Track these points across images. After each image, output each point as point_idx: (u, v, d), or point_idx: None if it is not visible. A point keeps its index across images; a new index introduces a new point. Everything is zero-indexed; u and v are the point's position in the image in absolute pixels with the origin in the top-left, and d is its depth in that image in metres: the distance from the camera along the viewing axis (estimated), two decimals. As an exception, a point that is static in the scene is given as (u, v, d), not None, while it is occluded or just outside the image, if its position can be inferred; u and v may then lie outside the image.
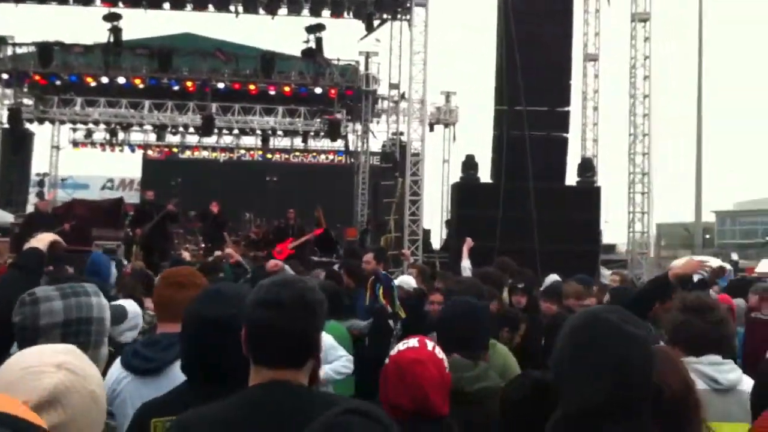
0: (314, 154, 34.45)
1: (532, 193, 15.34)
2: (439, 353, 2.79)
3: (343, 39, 24.71)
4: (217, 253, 10.16)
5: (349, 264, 8.60)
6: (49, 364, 1.71)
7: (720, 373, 3.21)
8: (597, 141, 21.52)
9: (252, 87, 24.01)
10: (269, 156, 33.28)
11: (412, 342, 2.81)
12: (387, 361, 2.78)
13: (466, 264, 8.57)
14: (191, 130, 28.78)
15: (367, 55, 24.72)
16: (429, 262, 15.01)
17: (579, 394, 1.86)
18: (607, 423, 1.82)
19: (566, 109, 17.08)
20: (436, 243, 22.29)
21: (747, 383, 2.84)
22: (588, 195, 16.99)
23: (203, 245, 17.79)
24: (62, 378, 1.68)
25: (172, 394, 2.61)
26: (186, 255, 13.45)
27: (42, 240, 3.13)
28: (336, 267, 9.77)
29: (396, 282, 7.05)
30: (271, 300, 2.17)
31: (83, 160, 34.11)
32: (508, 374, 4.01)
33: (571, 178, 17.38)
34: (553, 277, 8.43)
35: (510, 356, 4.66)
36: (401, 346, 2.81)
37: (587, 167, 17.70)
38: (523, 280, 7.31)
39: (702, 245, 35.22)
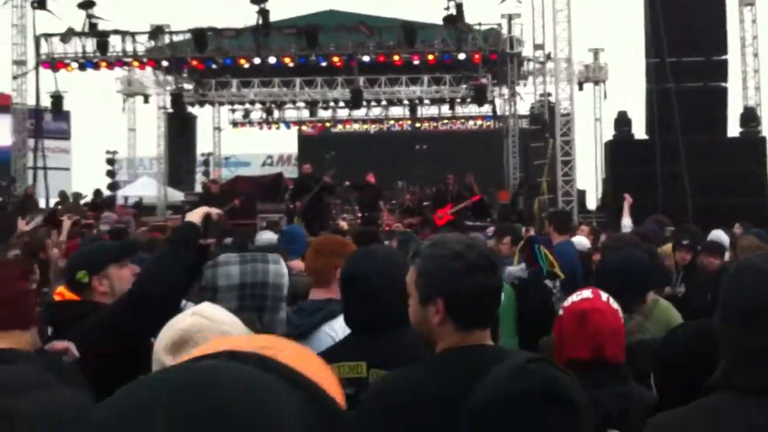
0: (462, 120, 34.48)
1: (686, 147, 14.81)
2: (613, 303, 2.76)
3: (484, 3, 24.51)
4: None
5: (505, 227, 8.68)
6: (185, 314, 2.05)
7: None
8: (759, 89, 20.37)
9: (396, 58, 24.25)
10: (418, 125, 33.60)
11: (586, 293, 2.80)
12: (561, 313, 2.79)
13: (627, 222, 8.50)
14: (341, 104, 29.48)
15: (510, 18, 24.42)
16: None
17: None
18: None
19: (724, 57, 16.33)
20: (591, 203, 21.91)
21: None
22: (752, 146, 16.23)
23: (360, 214, 18.35)
24: (194, 320, 1.98)
25: (337, 345, 2.80)
26: (343, 224, 13.93)
27: (196, 213, 3.11)
28: (490, 231, 9.96)
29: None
30: (485, 265, 2.15)
31: (243, 139, 35.61)
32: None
33: (734, 130, 16.66)
34: (717, 233, 8.18)
35: (673, 310, 4.49)
36: (575, 297, 2.81)
37: (750, 117, 16.88)
38: (688, 237, 7.15)
39: None
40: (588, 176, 28.34)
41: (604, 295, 2.79)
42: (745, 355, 1.77)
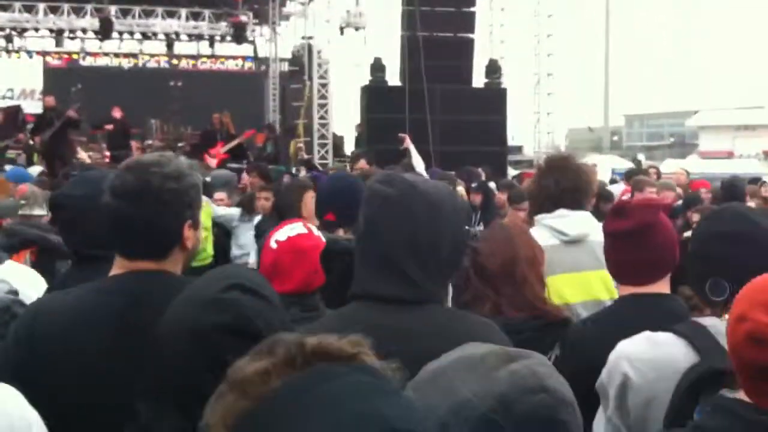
0: (222, 60, 33.52)
1: (435, 94, 15.41)
2: None
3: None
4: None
5: (260, 167, 9.15)
6: None
7: (566, 226, 3.40)
8: (504, 42, 21.65)
9: (151, -13, 23.11)
10: (175, 62, 32.22)
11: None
12: None
13: (418, 163, 8.64)
14: (90, 34, 27.55)
15: (273, -46, 24.00)
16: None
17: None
18: None
19: (472, 9, 17.08)
20: (349, 149, 22.23)
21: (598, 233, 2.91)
22: (495, 97, 17.20)
23: (107, 153, 17.36)
24: None
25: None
26: (84, 156, 13.05)
27: None
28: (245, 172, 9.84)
29: None
30: (118, 188, 2.02)
31: (-21, 69, 32.25)
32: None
33: (479, 81, 17.54)
34: None
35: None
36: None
37: (493, 69, 17.86)
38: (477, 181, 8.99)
39: (610, 147, 36.24)
40: (347, 122, 28.84)
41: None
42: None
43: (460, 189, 7.33)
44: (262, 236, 4.14)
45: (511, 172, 15.39)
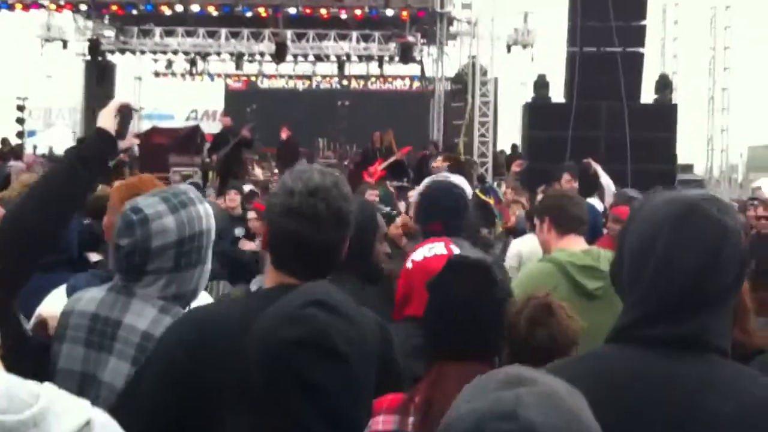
0: (391, 80, 34.21)
1: (600, 111, 14.95)
2: None
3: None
4: None
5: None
6: None
7: None
8: (677, 57, 20.71)
9: (323, 11, 23.91)
10: (345, 83, 33.24)
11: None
12: None
13: (607, 182, 8.49)
14: (267, 58, 28.92)
15: (440, -24, 24.18)
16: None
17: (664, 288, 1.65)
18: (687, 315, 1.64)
19: (642, 23, 16.46)
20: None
21: None
22: (664, 113, 16.47)
23: (276, 171, 18.10)
24: None
25: None
26: (258, 172, 13.59)
27: (108, 114, 2.51)
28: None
29: None
30: (306, 212, 1.98)
31: (166, 91, 34.67)
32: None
33: (649, 96, 16.85)
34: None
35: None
36: None
37: (664, 84, 17.11)
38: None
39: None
40: (513, 139, 28.50)
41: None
42: None
43: None
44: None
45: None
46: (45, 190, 2.31)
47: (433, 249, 2.96)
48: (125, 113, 2.53)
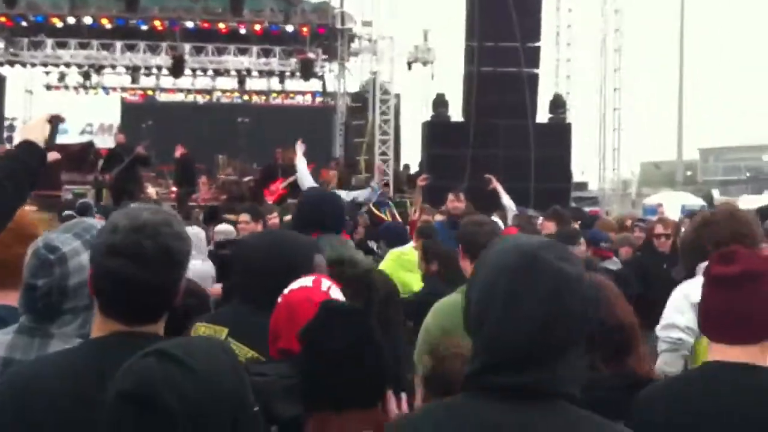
0: (292, 95, 34.03)
1: (497, 130, 15.26)
2: None
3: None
4: None
5: None
6: None
7: None
8: (569, 77, 21.35)
9: (222, 26, 23.61)
10: (246, 98, 32.87)
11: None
12: None
13: (509, 203, 8.54)
14: (165, 71, 28.32)
15: (341, -8, 24.24)
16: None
17: (509, 339, 1.62)
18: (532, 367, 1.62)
19: (536, 44, 16.91)
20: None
21: None
22: (559, 132, 16.94)
23: (173, 188, 17.69)
24: None
25: None
26: (152, 192, 13.29)
27: (36, 127, 2.48)
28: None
29: None
30: (129, 249, 1.87)
31: (60, 105, 33.46)
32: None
33: (543, 116, 17.30)
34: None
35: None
36: None
37: (558, 103, 17.61)
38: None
39: (683, 182, 35.33)
40: (416, 157, 28.76)
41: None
42: None
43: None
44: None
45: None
46: None
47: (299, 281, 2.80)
48: (55, 124, 2.51)
